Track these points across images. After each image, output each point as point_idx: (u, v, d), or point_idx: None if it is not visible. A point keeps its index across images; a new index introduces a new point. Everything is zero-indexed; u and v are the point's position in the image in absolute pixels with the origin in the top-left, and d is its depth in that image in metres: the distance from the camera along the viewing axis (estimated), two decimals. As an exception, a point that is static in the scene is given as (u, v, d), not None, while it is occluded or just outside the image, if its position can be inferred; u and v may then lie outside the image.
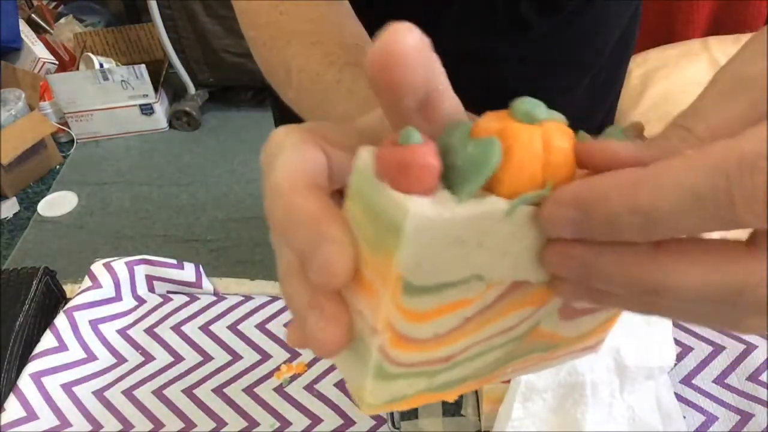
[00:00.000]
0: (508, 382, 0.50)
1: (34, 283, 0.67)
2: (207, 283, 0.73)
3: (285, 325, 0.67)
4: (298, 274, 0.22)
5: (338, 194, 0.24)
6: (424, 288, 0.20)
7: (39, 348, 0.63)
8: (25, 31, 2.46)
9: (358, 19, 0.45)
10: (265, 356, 0.65)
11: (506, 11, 0.60)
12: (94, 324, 0.67)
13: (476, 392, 0.56)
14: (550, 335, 0.26)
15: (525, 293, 0.23)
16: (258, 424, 0.59)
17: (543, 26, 0.62)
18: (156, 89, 2.37)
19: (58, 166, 2.34)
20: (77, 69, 2.36)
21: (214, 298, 0.70)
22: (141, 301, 0.70)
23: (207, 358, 0.65)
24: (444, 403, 0.56)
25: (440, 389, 0.24)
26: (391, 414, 0.56)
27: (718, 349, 0.60)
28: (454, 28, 0.60)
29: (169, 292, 0.72)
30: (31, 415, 0.59)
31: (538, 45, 0.64)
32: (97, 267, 0.69)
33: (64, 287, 0.72)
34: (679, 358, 0.59)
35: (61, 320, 0.65)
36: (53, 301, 0.70)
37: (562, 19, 0.63)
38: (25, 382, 0.60)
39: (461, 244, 0.19)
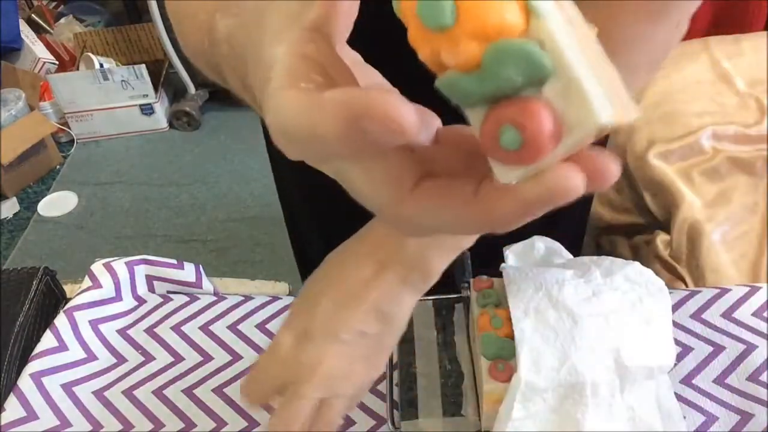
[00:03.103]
0: (509, 381, 0.50)
1: (34, 283, 0.67)
2: (207, 283, 0.73)
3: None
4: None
5: None
6: None
7: (39, 348, 0.63)
8: (25, 31, 2.46)
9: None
10: (265, 356, 0.65)
11: None
12: (94, 324, 0.67)
13: (476, 392, 0.56)
14: None
15: None
16: (258, 424, 0.59)
17: None
18: (156, 89, 2.37)
19: (58, 166, 2.34)
20: (77, 69, 2.36)
21: (214, 298, 0.70)
22: (141, 301, 0.70)
23: (207, 358, 0.65)
24: (444, 403, 0.56)
25: None
26: (391, 414, 0.56)
27: (718, 349, 0.60)
28: None
29: (169, 292, 0.72)
30: (31, 415, 0.59)
31: None
32: (97, 267, 0.69)
33: (64, 287, 0.72)
34: (679, 358, 0.59)
35: (61, 320, 0.65)
36: (53, 301, 0.70)
37: None
38: (25, 382, 0.60)
39: None
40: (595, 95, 0.20)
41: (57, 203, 2.18)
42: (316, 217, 0.81)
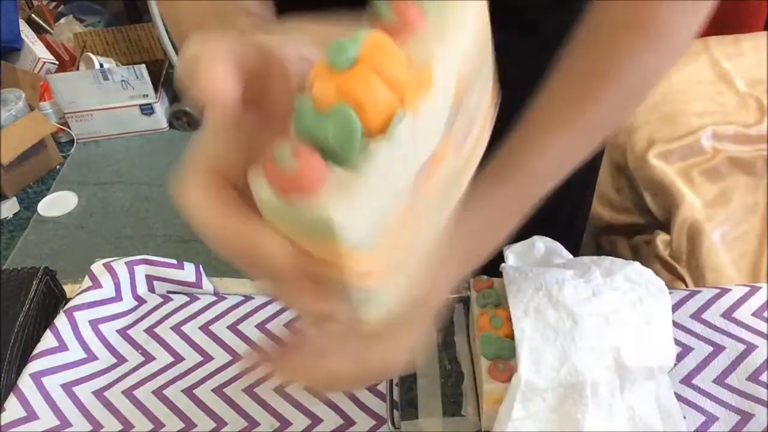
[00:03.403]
0: (509, 381, 0.50)
1: (34, 283, 0.67)
2: (207, 283, 0.73)
3: (285, 326, 0.67)
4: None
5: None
6: (367, 237, 0.23)
7: (39, 348, 0.63)
8: (25, 31, 2.46)
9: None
10: (265, 356, 0.64)
11: (508, 12, 0.59)
12: (94, 324, 0.67)
13: (476, 392, 0.56)
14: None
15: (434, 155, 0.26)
16: (258, 424, 0.59)
17: (548, 24, 0.62)
18: (156, 89, 2.37)
19: (58, 166, 2.34)
20: (77, 69, 2.36)
21: (214, 298, 0.70)
22: (141, 301, 0.70)
23: (207, 358, 0.65)
24: (444, 403, 0.56)
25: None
26: (391, 414, 0.56)
27: (718, 349, 0.60)
28: None
29: (169, 292, 0.72)
30: (31, 415, 0.59)
31: (543, 44, 0.64)
32: (97, 267, 0.69)
33: (64, 287, 0.72)
34: (679, 358, 0.59)
35: (61, 320, 0.65)
36: (53, 301, 0.70)
37: (569, 19, 0.63)
38: (25, 382, 0.60)
39: (374, 190, 0.22)
40: (351, 218, 0.22)
41: (57, 203, 2.18)
42: None
